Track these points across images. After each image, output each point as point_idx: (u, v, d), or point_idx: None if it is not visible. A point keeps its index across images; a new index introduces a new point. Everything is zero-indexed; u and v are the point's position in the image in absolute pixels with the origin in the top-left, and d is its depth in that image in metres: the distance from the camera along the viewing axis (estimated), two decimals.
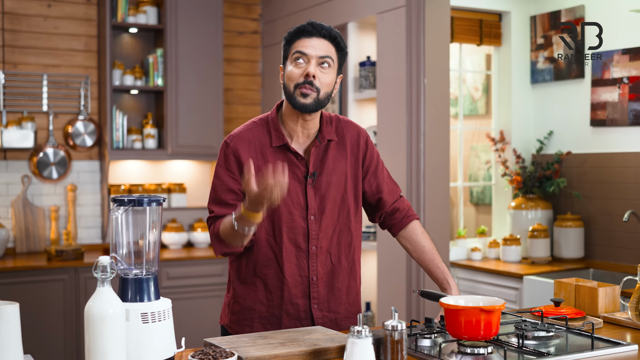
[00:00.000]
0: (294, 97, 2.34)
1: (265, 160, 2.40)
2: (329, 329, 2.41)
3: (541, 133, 4.97)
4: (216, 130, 5.50)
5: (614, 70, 4.46)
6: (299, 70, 2.34)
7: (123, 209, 2.02)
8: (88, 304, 1.89)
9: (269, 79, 5.94)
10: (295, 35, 2.38)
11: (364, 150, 2.55)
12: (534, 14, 5.01)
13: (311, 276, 2.46)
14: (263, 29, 6.03)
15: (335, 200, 2.47)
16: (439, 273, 2.58)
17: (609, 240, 4.54)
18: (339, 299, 2.51)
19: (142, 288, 2.05)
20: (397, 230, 2.65)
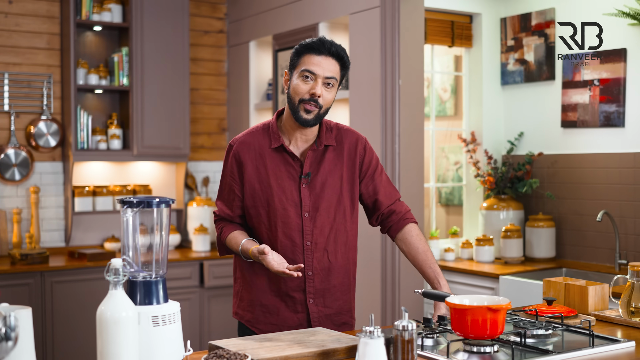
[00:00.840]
0: (298, 111, 2.55)
1: (264, 161, 2.62)
2: (331, 330, 2.45)
3: (511, 134, 5.08)
4: (182, 130, 5.48)
5: (584, 72, 4.58)
6: (305, 87, 2.53)
7: (133, 210, 2.01)
8: (100, 308, 1.89)
9: (235, 79, 5.94)
10: (306, 49, 2.56)
11: (361, 154, 2.72)
12: (504, 16, 5.12)
13: (307, 271, 2.62)
14: (229, 28, 6.02)
15: (330, 200, 2.64)
16: (430, 272, 2.69)
17: (580, 240, 4.66)
18: (334, 295, 2.66)
19: (151, 291, 2.06)
20: (394, 232, 2.77)
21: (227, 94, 6.06)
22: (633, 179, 4.35)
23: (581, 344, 2.31)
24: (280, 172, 2.61)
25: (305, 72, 2.52)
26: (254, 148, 2.63)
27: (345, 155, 2.68)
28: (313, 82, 2.52)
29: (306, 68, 2.52)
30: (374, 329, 1.98)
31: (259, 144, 2.63)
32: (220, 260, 5.27)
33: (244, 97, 5.83)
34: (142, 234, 2.06)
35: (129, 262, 2.01)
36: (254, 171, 2.62)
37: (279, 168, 2.62)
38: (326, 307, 2.65)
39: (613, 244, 4.46)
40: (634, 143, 4.35)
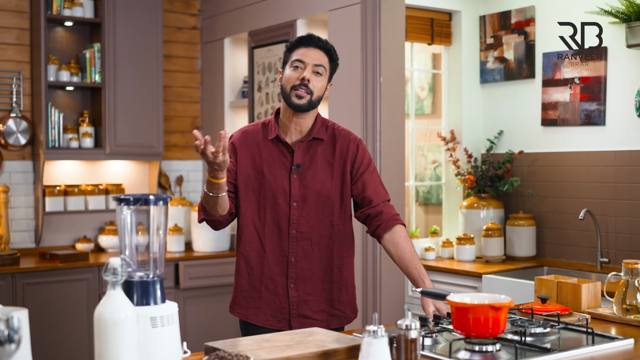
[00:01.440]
0: (290, 97, 2.73)
1: (259, 151, 2.81)
2: (327, 330, 2.43)
3: (491, 133, 5.10)
4: (156, 129, 5.42)
5: (565, 70, 4.62)
6: (296, 74, 2.73)
7: (130, 208, 1.97)
8: (98, 309, 1.84)
9: (209, 76, 5.89)
10: (296, 44, 2.78)
11: (354, 153, 2.85)
12: (483, 14, 5.13)
13: (290, 257, 2.77)
14: (202, 24, 5.97)
15: (319, 193, 2.78)
16: (415, 272, 2.79)
17: (561, 239, 4.69)
18: (314, 283, 2.79)
19: (149, 291, 2.01)
20: (382, 231, 2.82)
21: (200, 92, 6.00)
22: (614, 177, 4.39)
23: (579, 341, 2.32)
24: (274, 162, 2.78)
25: (295, 62, 2.72)
26: (253, 138, 2.83)
27: (337, 153, 2.81)
28: (302, 69, 2.71)
29: (296, 58, 2.73)
30: (377, 328, 1.96)
31: (257, 135, 2.83)
32: (196, 260, 5.21)
33: (218, 95, 5.78)
34: (139, 233, 2.02)
35: (127, 261, 1.96)
36: (249, 158, 2.79)
37: (273, 157, 2.78)
38: (306, 293, 2.77)
39: (594, 242, 4.49)
40: (615, 141, 4.40)
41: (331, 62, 2.79)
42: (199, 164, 5.97)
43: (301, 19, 4.96)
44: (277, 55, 5.13)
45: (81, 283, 4.85)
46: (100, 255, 5.21)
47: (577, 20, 4.56)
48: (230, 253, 5.43)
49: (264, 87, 5.25)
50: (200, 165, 5.97)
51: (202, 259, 5.26)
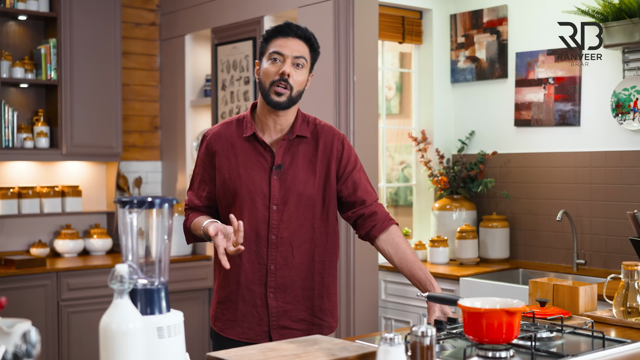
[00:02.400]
0: (269, 94, 2.57)
1: (234, 151, 2.65)
2: (332, 337, 2.36)
3: (462, 133, 5.09)
4: (114, 128, 5.28)
5: (539, 70, 4.64)
6: (274, 68, 2.56)
7: (136, 211, 1.88)
8: (104, 320, 1.75)
9: (168, 74, 5.76)
10: (273, 34, 2.61)
11: (339, 150, 2.71)
12: (454, 13, 5.13)
13: (269, 265, 2.63)
14: (161, 20, 5.84)
15: (301, 194, 2.64)
16: (421, 275, 2.67)
17: (534, 240, 4.71)
18: (295, 291, 2.66)
19: (154, 299, 1.92)
20: (377, 232, 2.73)
21: (159, 90, 5.87)
22: (589, 178, 4.43)
23: (590, 346, 2.31)
24: (251, 162, 2.63)
25: (273, 54, 2.56)
26: (226, 138, 2.68)
27: (320, 150, 2.67)
28: (282, 63, 2.56)
29: (273, 50, 2.57)
30: (394, 335, 1.91)
31: (231, 135, 2.68)
32: None
33: (178, 93, 5.66)
34: (142, 237, 1.92)
35: (134, 268, 1.87)
36: (224, 161, 2.65)
37: (250, 158, 2.64)
38: (286, 302, 2.64)
39: (568, 244, 4.52)
40: (590, 142, 4.43)
41: (312, 51, 2.64)
42: (157, 165, 5.84)
43: (269, 16, 4.88)
44: (242, 53, 5.04)
45: (39, 290, 4.69)
46: (57, 260, 5.05)
47: (550, 20, 4.58)
48: (192, 257, 5.32)
49: (229, 85, 5.16)
50: (159, 167, 5.84)
51: None
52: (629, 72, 4.21)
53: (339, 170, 2.68)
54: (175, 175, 5.68)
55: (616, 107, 4.21)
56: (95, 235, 5.32)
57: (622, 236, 4.28)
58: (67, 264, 4.88)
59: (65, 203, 5.26)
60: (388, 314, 4.62)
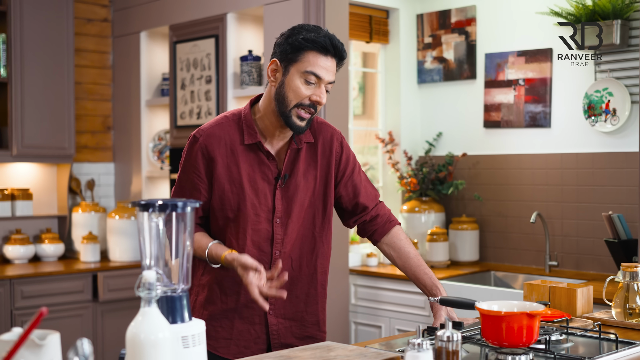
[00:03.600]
0: (290, 116, 2.36)
1: (236, 159, 2.43)
2: (345, 344, 2.34)
3: (429, 134, 5.13)
4: (67, 129, 5.14)
5: (508, 71, 4.70)
6: (308, 91, 2.35)
7: (161, 215, 1.82)
8: (132, 329, 1.69)
9: (121, 73, 5.65)
10: (312, 46, 2.35)
11: (338, 152, 2.58)
12: (421, 13, 5.16)
13: None
14: (114, 17, 5.72)
15: (302, 204, 2.50)
16: (426, 279, 2.62)
17: (504, 242, 4.77)
18: (297, 306, 2.54)
19: (176, 307, 1.87)
20: (379, 236, 2.68)
21: (112, 89, 5.75)
22: (560, 180, 4.51)
23: (599, 348, 2.34)
24: (254, 173, 2.44)
25: (311, 75, 2.33)
26: (225, 142, 2.44)
27: (319, 152, 2.53)
28: (316, 86, 2.35)
29: (313, 71, 2.33)
30: (421, 340, 1.90)
31: (230, 138, 2.44)
32: (115, 271, 4.97)
33: (133, 92, 5.55)
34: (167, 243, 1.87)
35: (161, 275, 1.81)
36: (224, 170, 2.43)
37: (253, 168, 2.44)
38: (286, 319, 2.52)
39: (539, 245, 4.60)
40: (561, 144, 4.51)
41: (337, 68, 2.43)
42: (110, 167, 5.71)
43: (232, 13, 4.82)
44: (204, 51, 4.97)
45: None
46: (6, 267, 4.89)
47: (519, 21, 4.65)
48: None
49: (189, 84, 5.09)
50: (111, 168, 5.71)
51: (122, 269, 5.03)
52: (601, 74, 4.30)
53: (338, 173, 2.56)
54: (130, 178, 5.57)
55: (588, 108, 4.29)
56: (46, 240, 5.17)
57: (593, 237, 4.37)
58: (19, 271, 4.73)
59: (15, 207, 5.10)
60: (358, 319, 4.62)
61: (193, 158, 2.46)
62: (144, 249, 1.87)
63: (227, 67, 4.83)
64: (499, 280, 4.62)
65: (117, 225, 5.13)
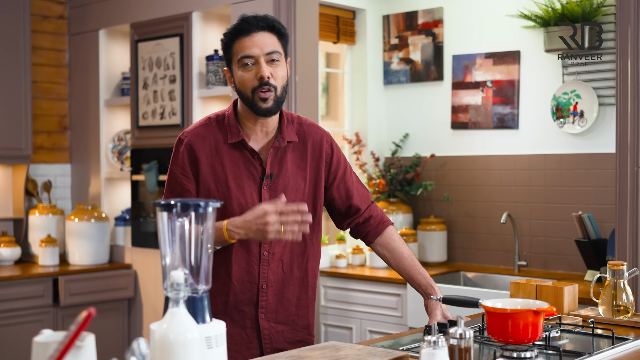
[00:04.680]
0: (254, 103, 2.41)
1: (220, 158, 2.47)
2: (352, 344, 2.39)
3: (396, 135, 5.21)
4: (24, 128, 5.07)
5: (476, 73, 4.81)
6: (250, 75, 2.41)
7: (187, 215, 1.84)
8: (161, 331, 1.71)
9: (77, 72, 5.59)
10: (233, 35, 2.44)
11: (329, 154, 2.62)
12: (387, 14, 5.24)
13: (261, 283, 2.50)
14: (70, 13, 5.66)
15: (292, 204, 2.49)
16: (421, 279, 2.68)
17: (472, 243, 4.88)
18: (288, 310, 2.56)
19: (197, 308, 1.89)
20: (372, 237, 2.73)
21: (68, 88, 5.69)
22: (528, 181, 4.64)
23: (590, 343, 2.44)
24: (239, 171, 2.48)
25: (243, 59, 2.40)
26: (210, 142, 2.49)
27: (309, 154, 2.57)
28: (255, 65, 2.40)
29: (241, 55, 2.40)
30: (437, 338, 1.96)
31: (214, 138, 2.49)
32: (76, 275, 4.93)
33: (91, 92, 5.50)
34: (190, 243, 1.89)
35: (188, 275, 1.83)
36: (209, 169, 2.47)
37: (238, 166, 2.48)
38: (278, 322, 2.53)
39: (507, 246, 4.72)
40: (529, 145, 4.64)
41: (281, 38, 2.46)
42: (67, 168, 5.65)
43: (197, 12, 4.83)
44: (167, 50, 4.97)
45: None
46: None
47: (487, 23, 4.77)
48: (110, 266, 5.18)
49: (152, 84, 5.07)
50: (68, 170, 5.65)
51: (83, 272, 4.98)
52: (568, 77, 4.44)
53: (329, 176, 2.60)
54: (88, 179, 5.52)
55: (556, 110, 4.43)
56: (2, 244, 5.09)
57: (561, 238, 4.51)
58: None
59: None
60: (328, 320, 4.67)
61: (180, 159, 2.50)
62: (163, 250, 1.89)
63: (193, 66, 4.84)
64: (468, 281, 4.72)
65: (76, 228, 5.08)
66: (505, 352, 2.23)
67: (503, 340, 2.23)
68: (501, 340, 2.23)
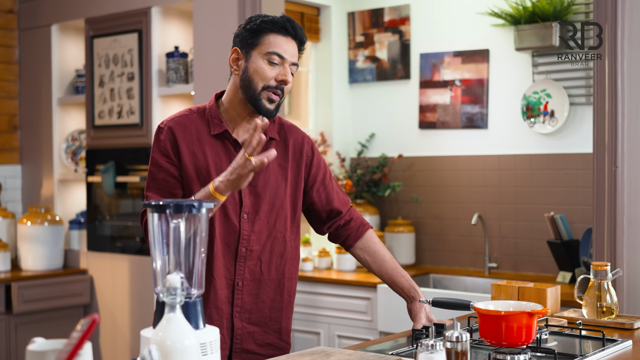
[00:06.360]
0: (260, 99, 2.42)
1: (202, 147, 2.47)
2: (341, 349, 2.37)
3: (362, 135, 5.21)
4: None
5: (444, 72, 4.84)
6: (273, 72, 2.42)
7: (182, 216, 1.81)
8: (157, 336, 1.68)
9: (28, 68, 5.48)
10: (271, 27, 2.44)
11: (309, 156, 2.63)
12: (352, 10, 5.25)
13: (237, 281, 2.50)
14: (20, 7, 5.54)
15: (272, 203, 2.53)
16: (404, 282, 2.69)
17: (440, 245, 4.91)
18: (262, 311, 2.55)
19: (190, 313, 1.87)
20: (352, 241, 2.74)
21: (18, 86, 5.57)
22: (497, 181, 4.67)
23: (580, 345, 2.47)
24: (221, 163, 2.46)
25: (273, 54, 2.41)
26: (191, 131, 2.48)
27: (291, 154, 2.58)
28: (280, 66, 2.43)
29: (274, 50, 2.41)
30: (434, 342, 1.96)
31: (196, 128, 2.49)
32: (29, 280, 4.83)
33: (43, 89, 5.39)
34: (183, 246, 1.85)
35: (184, 279, 1.80)
36: (190, 157, 2.46)
37: (220, 157, 2.47)
38: (251, 323, 2.53)
39: (476, 247, 4.75)
40: (499, 145, 4.68)
41: (299, 56, 2.52)
42: (17, 169, 5.53)
43: (157, 7, 4.77)
44: (125, 47, 4.89)
45: None
46: None
47: (455, 21, 4.80)
48: (64, 271, 5.08)
49: (108, 81, 4.99)
50: (19, 171, 5.53)
51: (36, 278, 4.89)
52: (539, 76, 4.49)
53: (309, 178, 2.61)
54: (40, 181, 5.41)
55: (526, 110, 4.48)
56: None
57: (532, 239, 4.56)
58: None
59: None
60: (295, 325, 4.65)
61: (162, 146, 2.48)
62: (154, 253, 1.86)
63: (152, 63, 4.78)
64: (438, 283, 4.74)
65: (28, 231, 4.98)
66: (499, 355, 2.24)
67: (496, 343, 2.24)
68: (494, 343, 2.24)
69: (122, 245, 4.89)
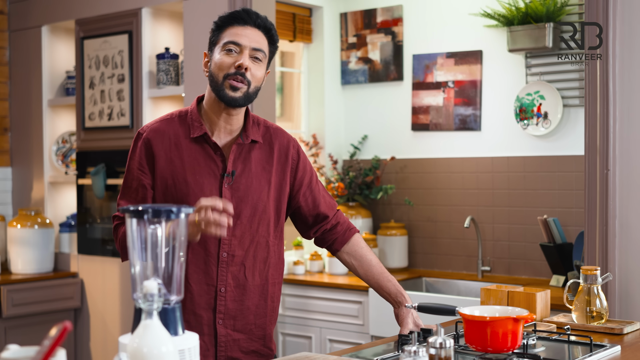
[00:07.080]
0: (223, 88, 2.42)
1: (179, 152, 2.48)
2: (324, 355, 2.37)
3: (354, 137, 5.21)
4: None
5: (437, 73, 4.84)
6: (230, 60, 2.42)
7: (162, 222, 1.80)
8: (133, 343, 1.67)
9: (18, 70, 5.47)
10: (228, 21, 2.47)
11: (295, 160, 2.62)
12: (344, 11, 5.24)
13: (219, 287, 2.48)
14: (10, 8, 5.54)
15: (255, 207, 2.52)
16: (391, 286, 2.68)
17: (433, 248, 4.90)
18: (247, 318, 2.53)
19: (169, 319, 1.86)
20: (339, 245, 2.73)
21: (8, 87, 5.56)
22: (491, 184, 4.67)
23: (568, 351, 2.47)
24: (199, 167, 2.47)
25: (229, 44, 2.43)
26: (169, 137, 2.50)
27: (275, 158, 2.57)
28: (238, 53, 2.43)
29: (230, 39, 2.43)
30: (417, 348, 1.96)
31: (175, 133, 2.51)
32: (19, 284, 4.82)
33: (33, 91, 5.38)
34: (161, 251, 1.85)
35: (162, 286, 1.79)
36: (166, 164, 2.47)
37: (198, 162, 2.47)
38: (235, 330, 2.51)
39: (469, 250, 4.75)
40: (492, 147, 4.68)
41: (271, 45, 2.50)
42: (7, 172, 5.52)
43: (147, 8, 4.77)
44: (116, 48, 4.89)
45: None
46: None
47: (448, 22, 4.80)
48: (55, 274, 5.08)
49: (99, 83, 4.99)
50: (9, 173, 5.53)
51: (27, 282, 4.88)
52: (532, 77, 4.49)
53: (294, 182, 2.60)
54: (30, 183, 5.40)
55: (520, 111, 4.47)
56: None
57: (525, 242, 4.55)
58: None
59: None
60: (287, 330, 4.64)
61: (137, 154, 2.52)
62: (132, 258, 1.85)
63: (142, 65, 4.78)
64: (430, 287, 4.74)
65: (18, 234, 4.98)
66: None
67: (482, 349, 2.24)
68: (479, 349, 2.24)
69: (112, 248, 4.89)
